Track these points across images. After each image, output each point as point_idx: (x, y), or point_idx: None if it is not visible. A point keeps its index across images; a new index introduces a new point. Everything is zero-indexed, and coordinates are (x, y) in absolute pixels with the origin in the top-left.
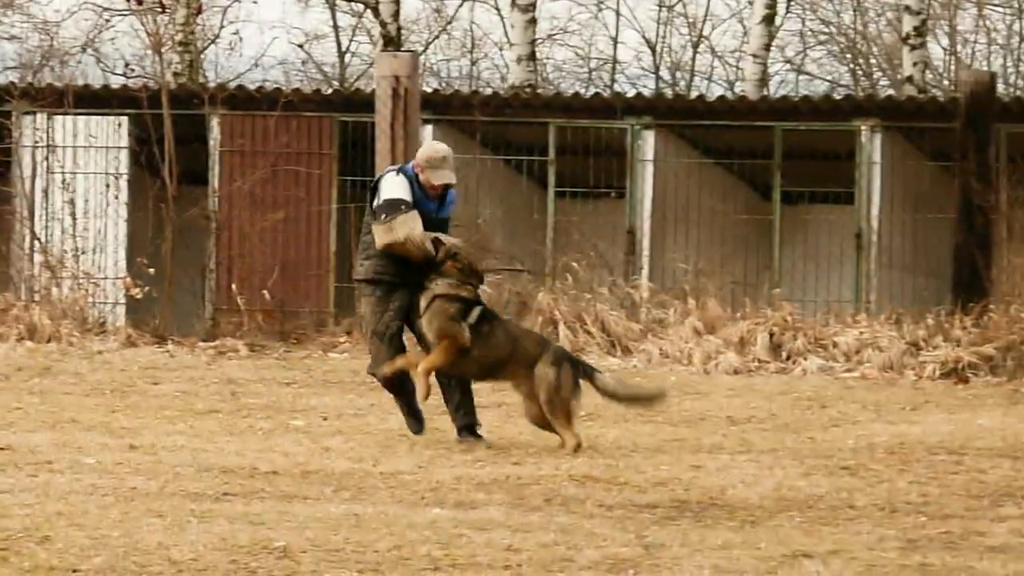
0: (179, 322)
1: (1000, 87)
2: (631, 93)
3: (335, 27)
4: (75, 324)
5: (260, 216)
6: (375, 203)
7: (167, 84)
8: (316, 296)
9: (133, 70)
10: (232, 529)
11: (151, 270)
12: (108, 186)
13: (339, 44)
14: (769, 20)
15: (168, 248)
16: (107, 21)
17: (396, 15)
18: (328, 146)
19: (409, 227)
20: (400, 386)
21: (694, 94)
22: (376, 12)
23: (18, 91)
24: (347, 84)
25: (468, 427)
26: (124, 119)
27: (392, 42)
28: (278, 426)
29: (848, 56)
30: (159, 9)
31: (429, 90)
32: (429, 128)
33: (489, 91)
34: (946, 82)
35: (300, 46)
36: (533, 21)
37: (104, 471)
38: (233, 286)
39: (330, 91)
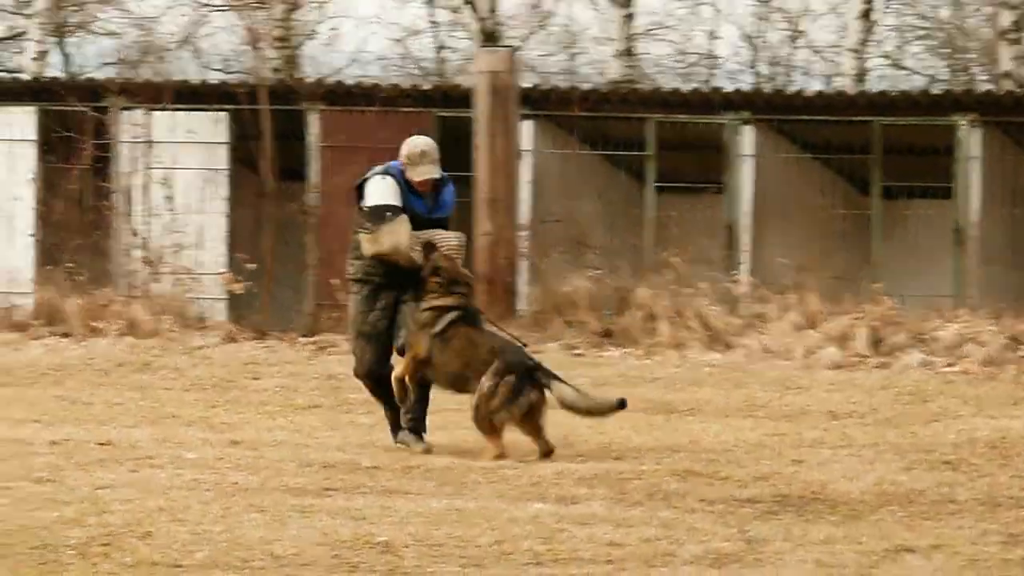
0: (279, 317)
1: None
2: (729, 88)
3: (433, 22)
4: (175, 319)
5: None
6: (361, 207)
7: (265, 80)
8: None
9: (231, 66)
10: (334, 524)
11: (251, 265)
12: (207, 182)
13: (437, 39)
14: (867, 15)
15: (268, 243)
16: (205, 16)
17: (494, 10)
18: None
19: (395, 237)
20: (387, 397)
21: (792, 89)
22: (474, 7)
23: (117, 87)
24: (445, 79)
25: (412, 429)
26: (223, 115)
27: (490, 37)
28: (379, 421)
29: (946, 51)
30: (257, 4)
31: (527, 85)
32: (528, 123)
33: (587, 86)
34: None
35: (398, 41)
36: (631, 16)
37: (205, 466)
38: (332, 281)
39: (428, 86)
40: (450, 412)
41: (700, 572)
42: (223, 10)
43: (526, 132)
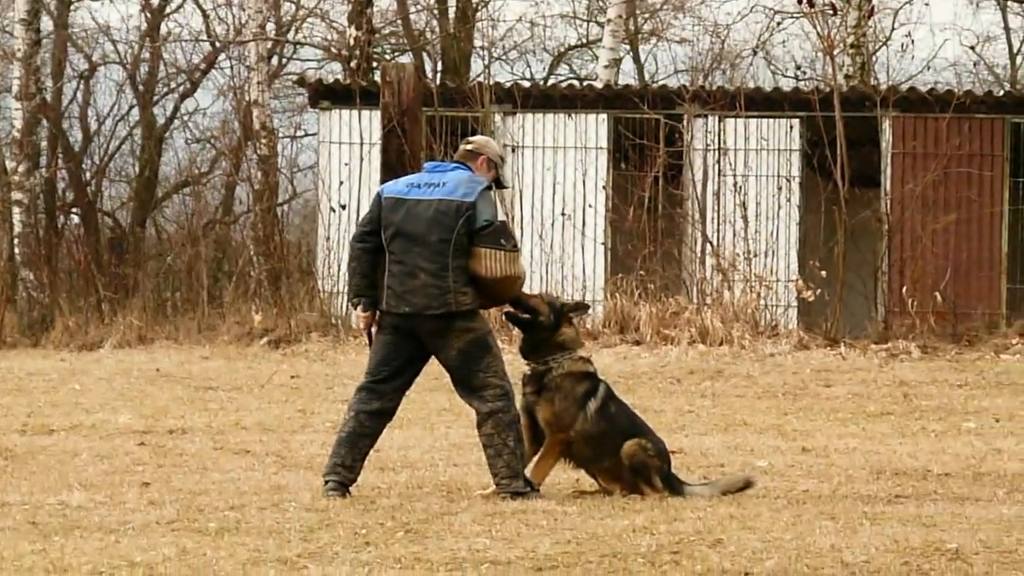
0: (850, 324)
1: None
2: None
3: (1006, 28)
4: (746, 327)
5: (932, 218)
6: (480, 222)
7: (839, 87)
8: (988, 298)
9: (804, 73)
10: (904, 531)
11: (823, 273)
12: (780, 189)
13: (1010, 45)
14: None
15: (840, 251)
16: (777, 24)
17: None
18: (999, 148)
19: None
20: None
21: None
22: None
23: (689, 94)
24: (1019, 86)
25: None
26: (795, 121)
27: None
28: (950, 428)
29: None
30: (831, 11)
31: None
32: None
33: None
34: None
35: (972, 48)
36: None
37: (776, 474)
38: (904, 289)
39: (1002, 93)
40: (1022, 419)
41: None
42: (796, 17)
43: None
